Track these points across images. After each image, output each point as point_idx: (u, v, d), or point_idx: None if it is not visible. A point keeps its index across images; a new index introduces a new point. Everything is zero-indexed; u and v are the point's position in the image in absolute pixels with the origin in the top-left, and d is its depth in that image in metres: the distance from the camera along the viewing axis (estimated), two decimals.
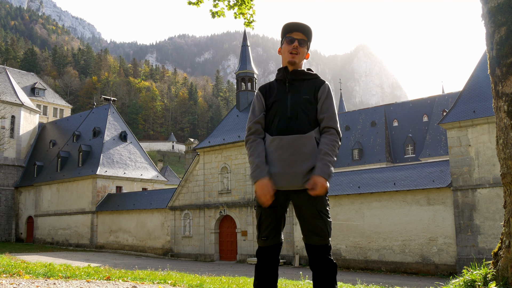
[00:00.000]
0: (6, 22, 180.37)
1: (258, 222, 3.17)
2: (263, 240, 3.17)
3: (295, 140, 3.06)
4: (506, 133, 3.37)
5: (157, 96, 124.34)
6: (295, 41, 3.19)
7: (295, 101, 3.14)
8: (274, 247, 3.19)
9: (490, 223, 18.72)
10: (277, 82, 3.28)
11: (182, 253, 30.03)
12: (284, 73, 3.24)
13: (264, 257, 3.20)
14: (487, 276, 3.45)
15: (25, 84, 59.00)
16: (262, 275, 3.20)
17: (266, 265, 3.20)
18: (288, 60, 3.21)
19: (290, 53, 3.19)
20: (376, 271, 21.07)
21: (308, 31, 3.21)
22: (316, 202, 3.03)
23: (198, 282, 6.77)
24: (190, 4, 7.51)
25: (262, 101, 3.25)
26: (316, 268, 3.10)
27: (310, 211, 3.04)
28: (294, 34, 3.20)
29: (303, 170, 3.01)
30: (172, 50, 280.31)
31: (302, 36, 3.20)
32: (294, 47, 3.18)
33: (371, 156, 48.58)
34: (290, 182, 3.03)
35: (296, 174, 3.02)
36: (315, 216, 3.03)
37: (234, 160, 28.30)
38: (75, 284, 5.52)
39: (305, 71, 3.25)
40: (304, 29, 3.20)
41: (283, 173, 3.04)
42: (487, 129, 19.45)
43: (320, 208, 3.04)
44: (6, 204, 44.68)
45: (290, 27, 3.21)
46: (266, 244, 3.17)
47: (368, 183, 22.29)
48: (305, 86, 3.18)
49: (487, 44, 3.60)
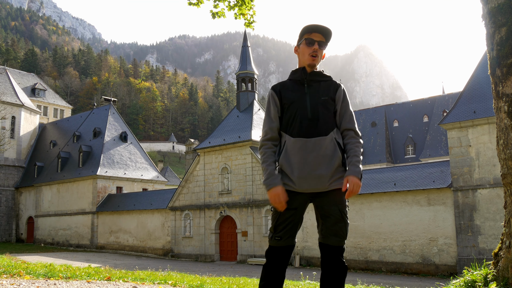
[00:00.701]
0: (7, 23, 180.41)
1: (275, 223, 3.13)
2: (276, 240, 3.12)
3: (318, 142, 3.06)
4: (506, 134, 3.37)
5: (158, 96, 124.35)
6: (315, 44, 3.15)
7: (315, 103, 3.13)
8: (286, 248, 3.14)
9: (491, 223, 18.71)
10: (291, 82, 3.25)
11: (183, 254, 30.02)
12: (302, 74, 3.21)
13: (275, 257, 3.15)
14: (488, 277, 3.45)
15: (26, 84, 59.02)
16: (270, 276, 3.15)
17: (275, 266, 3.15)
18: (308, 63, 3.18)
19: (310, 56, 3.16)
20: (377, 272, 21.06)
21: (328, 33, 3.18)
22: (340, 203, 3.05)
23: (199, 282, 6.76)
24: (191, 5, 7.51)
25: (277, 101, 3.22)
26: (328, 268, 3.08)
27: (333, 212, 3.04)
28: (313, 36, 3.16)
29: (328, 173, 3.03)
30: (172, 51, 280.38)
31: (321, 38, 3.17)
32: (314, 50, 3.15)
33: (371, 156, 48.57)
34: (315, 185, 3.04)
35: (320, 176, 3.03)
36: (337, 217, 3.04)
37: (235, 161, 28.30)
38: (75, 285, 5.51)
39: (322, 72, 3.24)
40: (324, 31, 3.17)
41: (308, 176, 3.04)
42: (488, 129, 19.44)
43: (343, 210, 3.05)
44: (6, 205, 44.68)
45: (310, 28, 3.17)
46: (279, 245, 3.12)
47: (368, 183, 22.28)
48: (322, 88, 3.18)
49: (488, 44, 3.60)
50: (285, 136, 3.13)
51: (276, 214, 3.12)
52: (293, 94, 3.18)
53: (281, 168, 3.12)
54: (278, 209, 3.03)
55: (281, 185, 3.02)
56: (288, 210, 3.06)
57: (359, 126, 51.90)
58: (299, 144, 3.06)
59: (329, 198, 3.05)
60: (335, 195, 3.05)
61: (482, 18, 3.66)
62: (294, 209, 3.07)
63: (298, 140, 3.06)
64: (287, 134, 3.12)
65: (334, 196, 3.04)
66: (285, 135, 3.14)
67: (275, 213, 3.12)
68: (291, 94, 3.19)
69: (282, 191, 3.00)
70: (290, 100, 3.17)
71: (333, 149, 3.06)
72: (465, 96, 21.08)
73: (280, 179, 3.06)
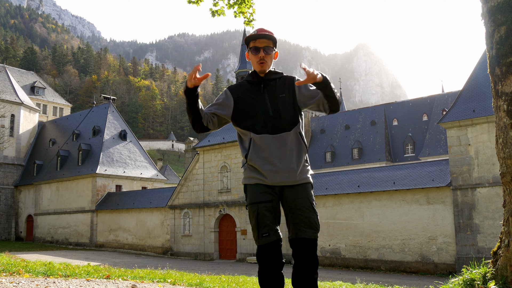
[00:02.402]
0: (6, 21, 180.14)
1: (256, 220, 3.05)
2: (264, 237, 3.03)
3: (284, 138, 3.15)
4: (505, 132, 3.37)
5: (157, 95, 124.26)
6: (260, 51, 3.21)
7: (274, 101, 3.21)
8: (275, 243, 3.06)
9: (490, 222, 18.73)
10: (248, 83, 3.31)
11: (182, 252, 30.05)
12: (256, 77, 3.28)
13: (267, 257, 3.04)
14: (486, 275, 3.46)
15: (25, 83, 58.97)
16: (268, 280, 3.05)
17: (271, 267, 3.05)
18: (258, 70, 3.25)
19: (259, 63, 3.22)
20: (376, 270, 21.08)
21: (271, 37, 3.22)
22: (309, 195, 3.14)
23: (198, 281, 6.77)
24: (190, 3, 7.51)
25: (230, 97, 3.26)
26: (302, 262, 3.04)
27: (304, 203, 3.09)
28: (258, 43, 3.22)
29: (296, 166, 3.14)
30: (172, 49, 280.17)
31: (266, 42, 3.22)
32: (260, 58, 3.21)
33: (370, 155, 48.59)
34: (286, 178, 3.11)
35: (290, 170, 3.12)
36: (309, 209, 3.08)
37: (234, 159, 28.31)
38: (74, 283, 5.52)
39: (274, 71, 3.30)
40: (266, 36, 3.21)
41: (278, 169, 3.11)
42: (487, 128, 19.46)
43: (312, 201, 3.12)
44: (5, 203, 44.68)
45: (253, 36, 3.22)
46: (269, 241, 3.03)
47: (367, 182, 22.29)
48: (278, 86, 3.25)
49: (487, 43, 3.60)
50: (250, 134, 3.19)
51: (254, 208, 3.08)
52: (252, 94, 3.25)
53: (251, 163, 3.17)
54: (187, 84, 2.96)
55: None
56: (264, 203, 3.07)
57: (359, 124, 51.97)
58: (266, 140, 3.13)
59: (299, 191, 3.12)
60: (305, 188, 3.14)
61: (481, 17, 3.66)
62: (269, 201, 3.10)
63: (265, 136, 3.13)
64: (251, 132, 3.17)
65: (305, 189, 3.13)
66: (249, 133, 3.19)
67: (253, 207, 3.08)
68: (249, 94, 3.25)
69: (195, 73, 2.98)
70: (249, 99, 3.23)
71: (298, 143, 3.17)
72: (465, 95, 21.09)
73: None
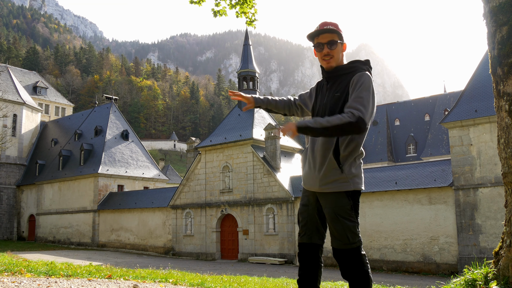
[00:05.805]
0: (8, 21, 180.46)
1: (298, 220, 3.32)
2: (299, 236, 3.30)
3: (323, 143, 3.01)
4: (507, 133, 3.36)
5: (159, 95, 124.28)
6: (324, 47, 3.08)
7: (327, 100, 3.09)
8: (310, 246, 3.22)
9: (492, 222, 18.69)
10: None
11: (184, 252, 30.06)
12: (324, 73, 3.21)
13: (302, 252, 3.28)
14: (488, 275, 3.46)
15: (27, 82, 59.05)
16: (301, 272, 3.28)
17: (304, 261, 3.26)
18: (325, 67, 3.15)
19: (323, 60, 3.11)
20: (378, 270, 21.07)
21: (334, 30, 3.08)
22: (335, 204, 2.98)
23: (199, 281, 6.77)
24: (192, 3, 7.51)
25: (313, 92, 3.34)
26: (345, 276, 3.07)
27: (328, 213, 3.03)
28: (321, 39, 3.08)
29: (318, 174, 3.02)
30: (174, 49, 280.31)
31: (330, 37, 3.07)
32: (325, 54, 3.09)
33: (372, 155, 48.55)
34: (312, 184, 3.08)
35: (315, 177, 3.04)
36: (332, 219, 3.00)
37: (236, 159, 28.31)
38: (76, 283, 5.52)
39: (344, 65, 3.15)
40: (328, 30, 3.07)
41: (308, 175, 3.12)
42: (489, 128, 19.42)
43: (338, 211, 2.96)
44: (8, 203, 44.77)
45: (316, 32, 3.09)
46: (302, 241, 3.27)
47: (369, 182, 22.26)
48: (339, 83, 3.09)
49: (489, 43, 3.60)
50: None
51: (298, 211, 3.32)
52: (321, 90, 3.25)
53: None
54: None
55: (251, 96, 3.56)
56: (301, 206, 3.27)
57: None
58: (310, 144, 3.15)
59: (325, 200, 3.03)
60: (332, 198, 2.99)
61: (483, 17, 3.66)
62: (305, 205, 3.19)
63: (311, 139, 3.14)
64: None
65: (332, 199, 2.99)
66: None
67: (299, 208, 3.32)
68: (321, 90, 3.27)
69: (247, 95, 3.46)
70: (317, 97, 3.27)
71: (326, 148, 2.98)
72: (467, 95, 21.05)
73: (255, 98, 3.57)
